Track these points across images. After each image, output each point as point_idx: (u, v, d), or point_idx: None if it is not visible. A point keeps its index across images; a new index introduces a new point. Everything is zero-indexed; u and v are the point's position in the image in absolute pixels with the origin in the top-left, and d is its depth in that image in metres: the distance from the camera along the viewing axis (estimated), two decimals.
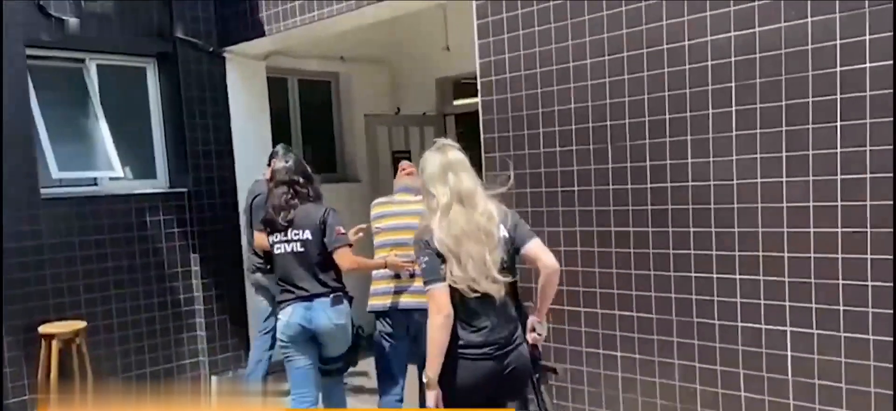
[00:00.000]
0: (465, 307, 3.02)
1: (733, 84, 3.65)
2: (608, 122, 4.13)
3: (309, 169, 4.54)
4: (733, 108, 3.66)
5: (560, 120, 4.34)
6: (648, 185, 4.00)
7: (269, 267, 5.14)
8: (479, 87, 4.73)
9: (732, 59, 3.64)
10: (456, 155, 3.12)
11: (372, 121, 7.54)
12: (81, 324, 5.46)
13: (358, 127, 7.75)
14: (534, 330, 3.19)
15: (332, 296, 4.29)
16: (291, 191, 4.35)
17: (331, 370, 4.48)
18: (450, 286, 2.98)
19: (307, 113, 7.72)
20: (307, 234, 4.28)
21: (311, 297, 4.27)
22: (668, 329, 4.01)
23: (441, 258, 2.98)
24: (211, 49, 6.49)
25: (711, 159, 3.76)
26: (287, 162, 4.47)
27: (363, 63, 7.81)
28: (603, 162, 4.17)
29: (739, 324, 3.75)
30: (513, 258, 3.10)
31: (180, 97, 6.37)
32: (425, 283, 3.03)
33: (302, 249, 4.29)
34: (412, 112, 7.91)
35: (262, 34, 6.14)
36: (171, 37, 6.33)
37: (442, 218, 3.01)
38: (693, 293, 3.90)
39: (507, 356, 3.09)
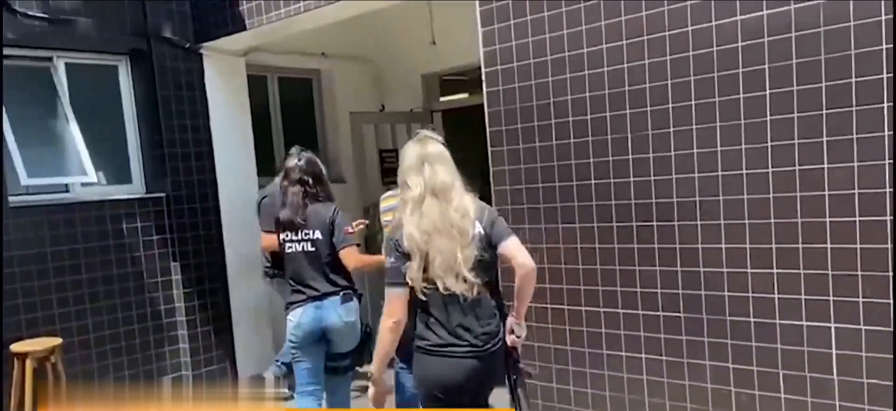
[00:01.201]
0: (435, 305, 2.98)
1: (766, 66, 3.42)
2: (627, 111, 3.88)
3: (322, 168, 4.48)
4: (767, 92, 3.44)
5: (574, 109, 4.08)
6: (674, 176, 3.76)
7: (275, 271, 5.23)
8: (483, 77, 4.45)
9: (765, 39, 3.42)
10: (435, 147, 3.08)
11: (358, 119, 7.23)
12: (56, 341, 5.05)
13: (342, 125, 7.43)
14: (512, 331, 3.11)
15: (342, 293, 4.30)
16: (303, 190, 4.32)
17: (337, 367, 4.46)
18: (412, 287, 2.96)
19: (288, 112, 7.38)
20: (317, 234, 4.28)
21: (321, 297, 4.28)
22: (699, 328, 3.77)
23: (407, 257, 2.94)
24: (187, 45, 6.12)
25: (743, 147, 3.53)
26: (299, 160, 4.41)
27: (346, 59, 7.49)
28: (622, 153, 3.92)
29: (778, 322, 3.52)
30: (492, 256, 3.02)
31: (156, 97, 6.00)
32: (386, 284, 3.02)
33: (313, 249, 4.28)
34: (397, 109, 7.62)
35: (243, 28, 5.79)
36: (145, 33, 5.96)
37: (414, 210, 2.97)
38: (725, 290, 3.67)
39: (495, 357, 3.06)
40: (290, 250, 4.35)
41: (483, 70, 4.45)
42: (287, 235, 4.35)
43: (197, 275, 6.14)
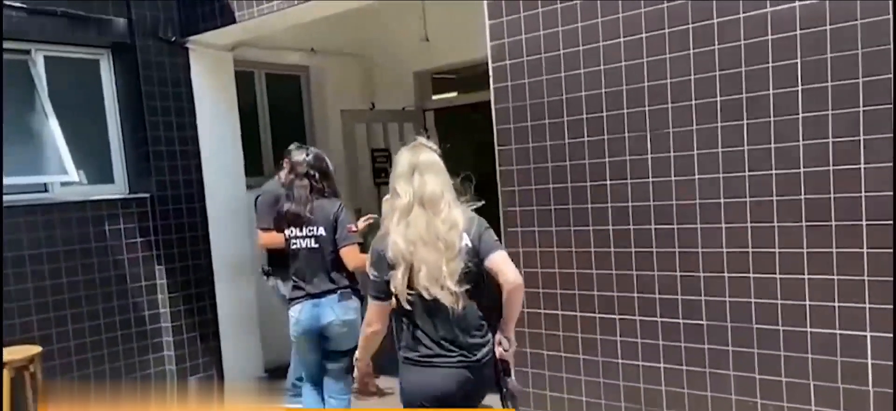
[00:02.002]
0: (420, 316, 2.91)
1: (798, 60, 3.25)
2: (646, 107, 3.69)
3: (329, 164, 4.40)
4: (799, 87, 3.26)
5: (588, 106, 3.89)
6: (696, 177, 3.58)
7: (272, 269, 5.23)
8: (490, 72, 4.26)
9: (797, 32, 3.24)
10: (427, 156, 2.99)
11: (349, 118, 6.99)
12: (36, 349, 4.80)
13: (332, 123, 7.19)
14: (501, 344, 3.01)
15: (339, 292, 4.24)
16: (310, 185, 4.27)
17: (335, 368, 4.33)
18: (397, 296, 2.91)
19: (276, 109, 7.12)
20: (321, 230, 4.22)
21: (320, 295, 4.23)
22: (722, 336, 3.59)
23: (391, 267, 2.87)
24: (173, 39, 5.87)
25: (773, 146, 3.35)
26: (307, 155, 4.34)
27: (336, 55, 7.26)
28: (641, 152, 3.73)
29: (809, 330, 3.35)
30: (479, 268, 2.90)
31: (139, 92, 5.74)
32: (368, 294, 3.02)
33: (316, 245, 4.23)
34: (388, 107, 7.39)
35: (233, 21, 5.55)
36: (128, 25, 5.68)
37: (401, 219, 2.90)
38: (752, 296, 3.48)
39: (484, 368, 2.96)
40: (294, 246, 4.29)
41: (490, 65, 4.25)
42: (292, 231, 4.29)
43: (182, 278, 5.91)
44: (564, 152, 4.00)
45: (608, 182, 3.86)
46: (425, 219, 2.87)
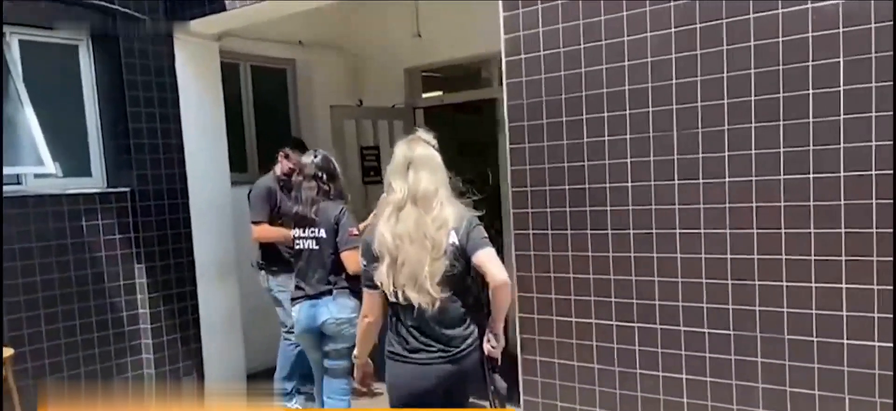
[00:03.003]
0: (403, 311, 2.94)
1: (841, 59, 3.10)
2: (674, 106, 3.52)
3: (336, 166, 4.45)
4: (841, 88, 3.11)
5: (610, 104, 3.71)
6: (726, 180, 3.41)
7: (264, 263, 5.23)
8: (503, 67, 4.06)
9: (840, 30, 3.09)
10: (423, 151, 2.99)
11: (339, 114, 6.73)
12: (7, 352, 4.49)
13: (318, 119, 6.93)
14: (489, 341, 3.02)
15: (334, 292, 4.26)
16: (317, 186, 4.33)
17: (334, 367, 4.37)
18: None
19: (260, 103, 6.85)
20: (322, 232, 4.26)
21: (318, 296, 4.28)
22: (751, 347, 3.43)
23: (376, 259, 2.92)
24: (159, 25, 5.57)
25: (811, 148, 3.20)
26: (315, 157, 4.38)
27: (323, 49, 7.01)
28: (667, 153, 3.56)
29: (845, 342, 3.20)
30: (465, 266, 2.93)
31: (121, 81, 5.44)
32: (362, 285, 3.07)
33: (317, 247, 4.29)
34: (377, 104, 7.15)
35: (223, 8, 5.29)
36: (110, 9, 5.38)
37: (392, 215, 2.92)
38: (785, 306, 3.33)
39: (467, 362, 2.97)
40: (298, 246, 4.37)
41: (503, 60, 4.05)
42: (297, 231, 4.36)
43: (163, 277, 5.62)
44: (583, 152, 3.82)
45: (629, 184, 3.69)
46: (415, 217, 2.87)
